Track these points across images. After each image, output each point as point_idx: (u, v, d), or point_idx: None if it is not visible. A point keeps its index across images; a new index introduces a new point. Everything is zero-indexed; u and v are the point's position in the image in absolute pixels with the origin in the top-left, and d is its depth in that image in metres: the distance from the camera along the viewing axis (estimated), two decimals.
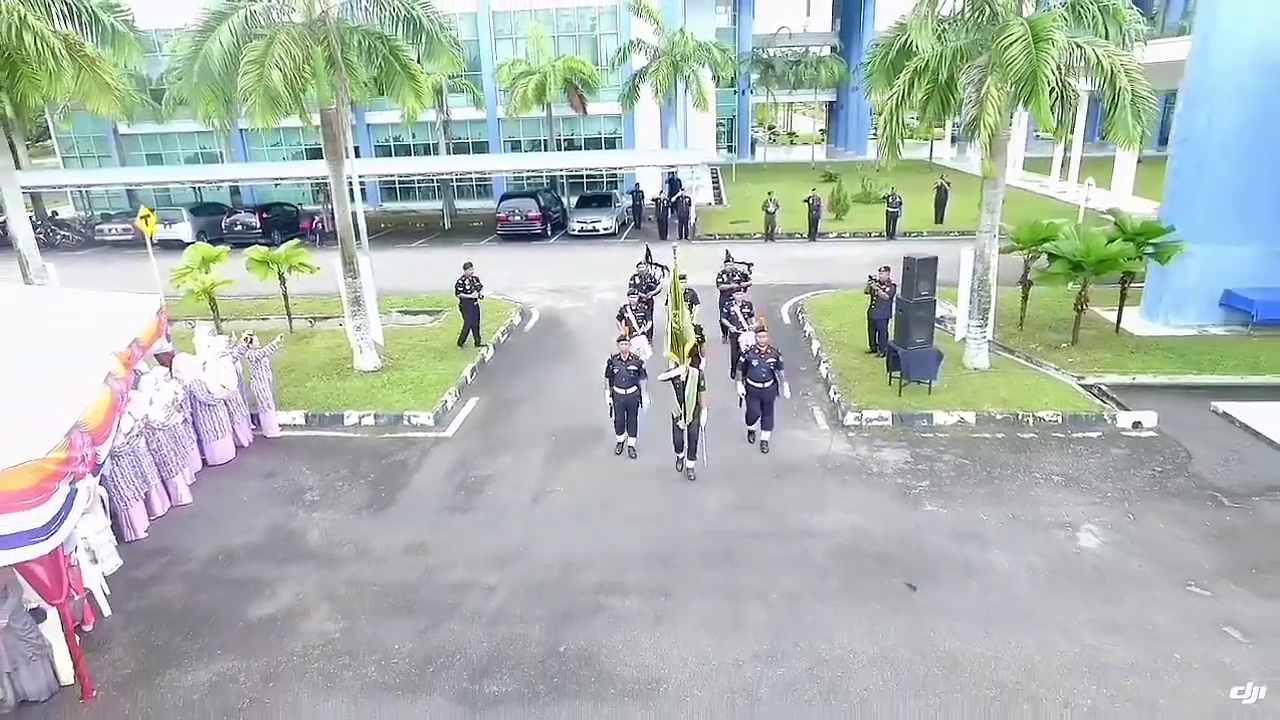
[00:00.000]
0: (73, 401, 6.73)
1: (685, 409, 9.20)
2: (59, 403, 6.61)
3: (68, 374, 7.22)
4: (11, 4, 11.09)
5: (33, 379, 6.86)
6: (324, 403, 12.07)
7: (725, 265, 14.08)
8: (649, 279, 14.09)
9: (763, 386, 9.89)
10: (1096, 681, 6.24)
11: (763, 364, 9.83)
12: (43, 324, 8.40)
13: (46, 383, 6.91)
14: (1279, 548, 7.92)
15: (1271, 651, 6.48)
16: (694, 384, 9.10)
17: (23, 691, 6.29)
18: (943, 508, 8.92)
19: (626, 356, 9.73)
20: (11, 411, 6.20)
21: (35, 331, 8.09)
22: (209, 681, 6.55)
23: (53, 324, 8.50)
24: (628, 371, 9.73)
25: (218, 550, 8.50)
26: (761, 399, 9.97)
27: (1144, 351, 13.49)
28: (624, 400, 9.85)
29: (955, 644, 6.73)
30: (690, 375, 9.08)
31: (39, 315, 8.68)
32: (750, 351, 10.04)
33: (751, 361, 9.91)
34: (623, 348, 9.82)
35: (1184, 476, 9.43)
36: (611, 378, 9.84)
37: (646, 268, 14.29)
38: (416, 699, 6.30)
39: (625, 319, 12.30)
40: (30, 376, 6.88)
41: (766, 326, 10.49)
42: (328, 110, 12.18)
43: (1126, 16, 11.10)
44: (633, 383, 9.76)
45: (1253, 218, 14.11)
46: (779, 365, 9.90)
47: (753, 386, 9.93)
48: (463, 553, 8.31)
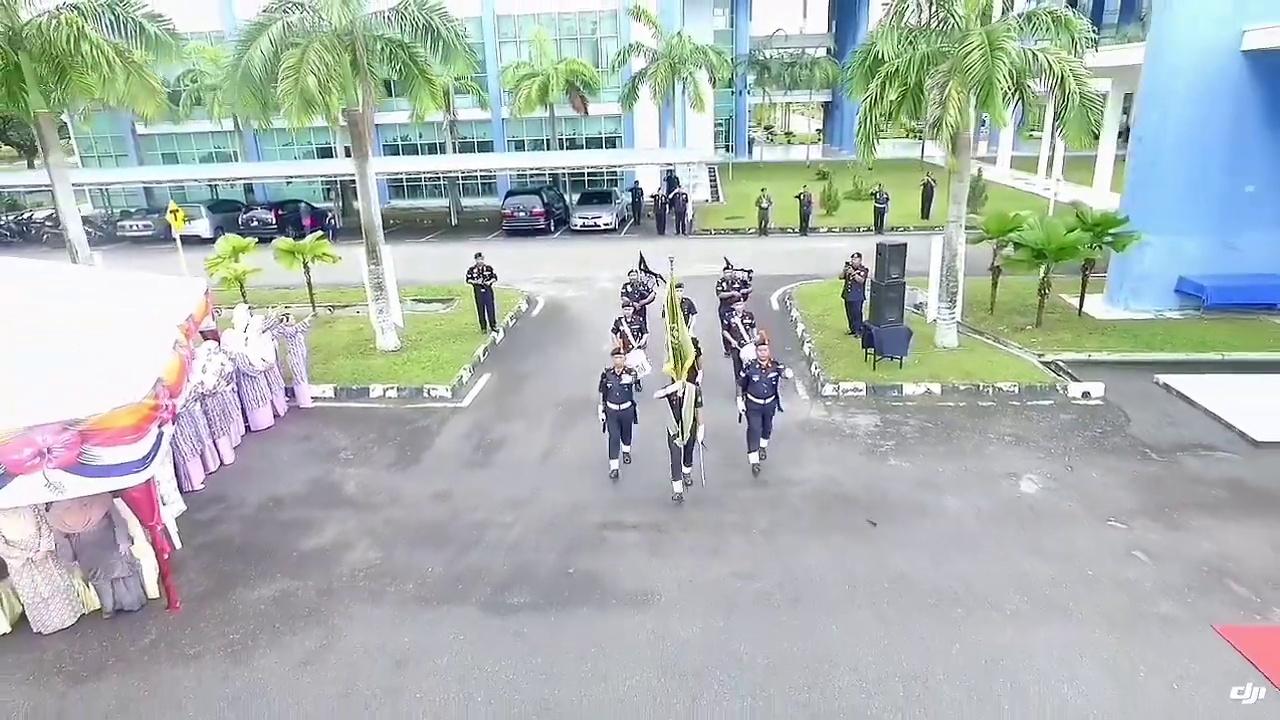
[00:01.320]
0: (152, 360, 7.93)
1: (683, 427, 8.85)
2: (141, 361, 7.80)
3: (143, 339, 8.42)
4: (71, 16, 12.27)
5: (116, 341, 8.05)
6: (351, 378, 13.26)
7: (724, 273, 13.80)
8: (642, 287, 13.60)
9: (764, 402, 9.63)
10: (1020, 592, 7.42)
11: (764, 379, 9.56)
12: (113, 298, 9.59)
13: (127, 345, 8.09)
14: (1191, 492, 9.11)
15: (1168, 570, 7.67)
16: (691, 400, 8.82)
17: (119, 602, 7.47)
18: (905, 462, 10.11)
19: (620, 370, 9.43)
20: (106, 366, 7.39)
21: (108, 304, 9.28)
22: (272, 596, 7.74)
23: (120, 299, 9.68)
24: (621, 386, 9.43)
25: (267, 498, 9.69)
26: (762, 414, 9.71)
27: (1102, 333, 14.68)
28: (618, 416, 9.53)
29: (906, 566, 7.91)
30: (687, 391, 8.79)
31: (108, 291, 9.87)
32: (751, 367, 9.71)
33: (753, 377, 9.60)
34: (616, 361, 9.52)
35: (1120, 436, 10.62)
36: (605, 393, 9.45)
37: (639, 275, 13.81)
38: (450, 608, 7.49)
39: (620, 332, 11.82)
40: (113, 340, 8.07)
41: (769, 340, 10.16)
42: (354, 111, 13.36)
43: (1077, 26, 12.26)
44: (627, 398, 9.48)
45: (1203, 210, 15.28)
46: (780, 377, 9.72)
47: (753, 402, 9.63)
48: (483, 499, 9.50)
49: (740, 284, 13.48)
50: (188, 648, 7.03)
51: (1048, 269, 14.57)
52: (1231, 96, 14.61)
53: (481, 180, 35.73)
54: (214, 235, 27.33)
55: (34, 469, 6.51)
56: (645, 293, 13.51)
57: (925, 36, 12.67)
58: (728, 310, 12.78)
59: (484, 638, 7.06)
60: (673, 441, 9.01)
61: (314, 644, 7.04)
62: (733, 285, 13.45)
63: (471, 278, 15.29)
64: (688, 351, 8.83)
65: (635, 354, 10.45)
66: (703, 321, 13.60)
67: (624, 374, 9.42)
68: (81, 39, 12.28)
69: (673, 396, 8.81)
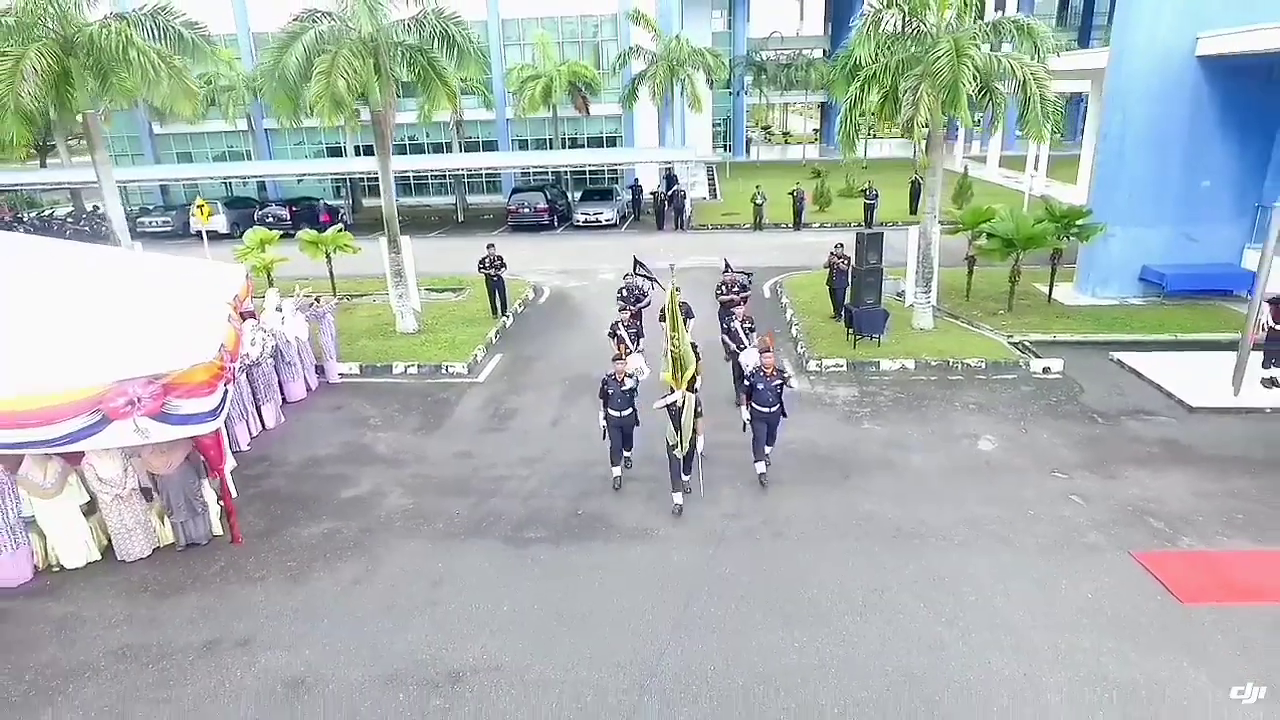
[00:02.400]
0: (214, 328, 9.10)
1: (681, 437, 8.70)
2: (206, 328, 8.97)
3: (203, 311, 9.58)
4: (121, 25, 13.44)
5: (184, 311, 9.22)
6: (374, 357, 14.42)
7: (724, 275, 13.54)
8: (638, 290, 13.45)
9: (768, 411, 9.36)
10: (969, 528, 8.59)
11: (769, 387, 9.30)
12: (173, 277, 10.76)
13: (193, 314, 9.26)
14: (1128, 449, 10.29)
15: (1098, 510, 8.84)
16: (690, 410, 8.65)
17: (190, 537, 8.63)
18: (878, 426, 11.28)
19: (621, 377, 9.29)
20: (180, 331, 8.56)
21: (170, 281, 10.46)
22: (320, 533, 8.91)
23: (179, 277, 10.85)
24: (622, 393, 9.29)
25: (307, 458, 10.86)
26: (767, 423, 9.47)
27: (1068, 317, 15.86)
28: (618, 423, 9.43)
29: (872, 509, 9.07)
30: (686, 401, 8.63)
31: (167, 271, 11.04)
32: (755, 374, 9.45)
33: (757, 385, 9.34)
34: (618, 368, 9.32)
35: (1073, 404, 11.79)
36: (605, 399, 9.32)
37: (635, 279, 13.53)
38: (476, 541, 8.66)
39: (618, 336, 11.62)
40: (182, 309, 9.25)
41: (772, 346, 9.97)
42: (378, 111, 14.52)
43: (1040, 33, 13.44)
44: (628, 404, 9.37)
45: (1163, 203, 16.45)
46: (785, 384, 9.47)
47: (758, 411, 9.38)
48: (500, 457, 10.66)
49: (740, 287, 13.21)
50: (253, 572, 8.20)
51: (1018, 257, 15.74)
52: (1187, 98, 15.78)
53: (486, 178, 36.91)
54: (230, 231, 28.63)
55: (126, 415, 7.67)
56: (641, 296, 13.37)
57: (901, 43, 13.83)
58: (727, 314, 12.38)
59: (506, 564, 8.23)
60: (671, 452, 8.87)
61: (361, 569, 8.21)
62: (732, 289, 13.20)
63: (484, 267, 16.44)
64: (688, 361, 8.66)
65: (634, 358, 10.31)
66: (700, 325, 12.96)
67: (625, 380, 9.28)
68: (130, 45, 13.47)
69: (671, 406, 8.67)
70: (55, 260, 9.62)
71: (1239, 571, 7.64)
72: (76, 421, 7.53)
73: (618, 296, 13.47)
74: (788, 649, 6.79)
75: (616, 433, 9.51)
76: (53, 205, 37.66)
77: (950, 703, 6.14)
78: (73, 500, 8.21)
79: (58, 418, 7.47)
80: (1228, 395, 11.48)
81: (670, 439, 8.84)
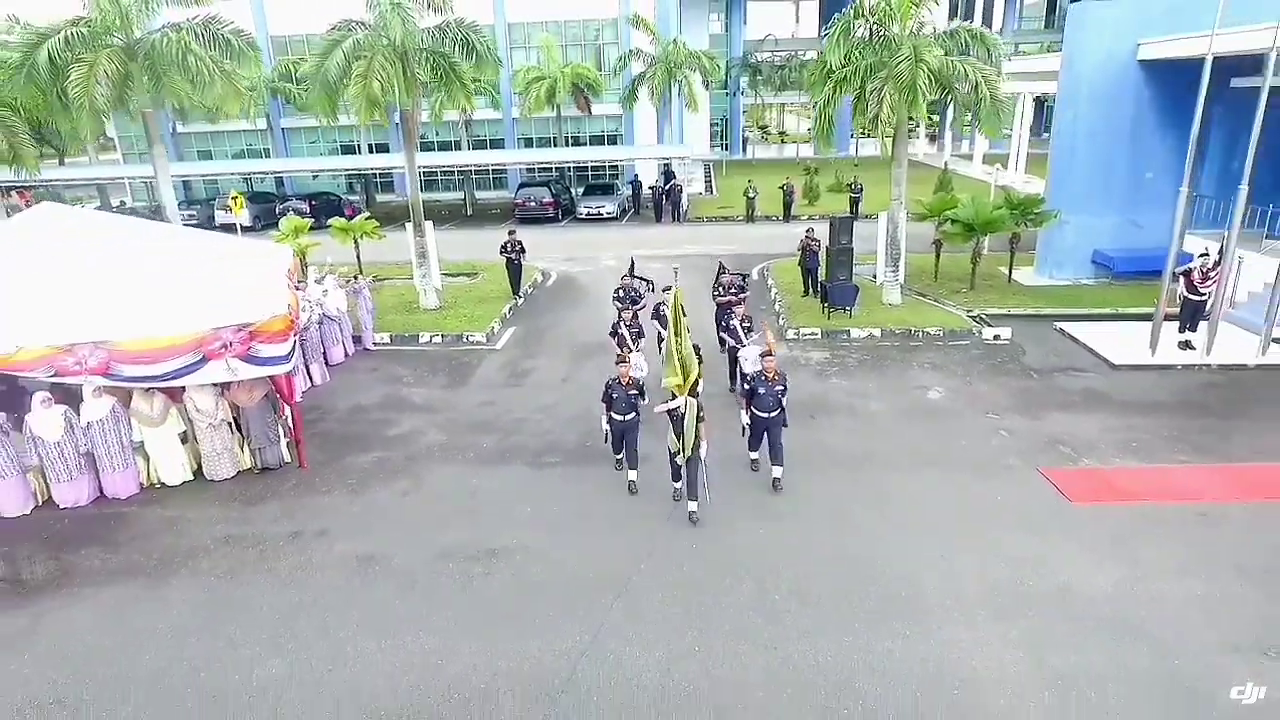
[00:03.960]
0: (282, 291, 10.88)
1: (684, 442, 8.56)
2: (275, 289, 10.75)
3: (270, 276, 11.36)
4: (180, 34, 15.22)
5: (257, 275, 11.00)
6: (402, 328, 16.22)
7: (721, 277, 13.58)
8: (634, 292, 13.48)
9: (769, 416, 9.26)
10: (910, 456, 10.36)
11: (770, 391, 9.19)
12: (240, 251, 12.55)
13: (265, 278, 11.04)
14: (1054, 397, 12.07)
15: (1020, 441, 10.62)
16: (693, 414, 8.46)
17: (265, 462, 10.41)
18: (844, 381, 13.07)
19: (626, 381, 9.22)
20: (257, 290, 10.35)
21: (237, 253, 12.25)
22: (372, 461, 10.69)
23: (244, 251, 12.64)
24: (627, 396, 9.22)
25: (353, 406, 12.65)
26: (768, 428, 9.36)
27: (1024, 295, 17.64)
28: (621, 427, 9.40)
29: (832, 442, 10.85)
30: (689, 405, 8.45)
31: (233, 246, 12.83)
32: (757, 378, 9.37)
33: (758, 389, 9.23)
34: (621, 371, 9.31)
35: (1014, 363, 13.58)
36: (609, 403, 9.30)
37: (631, 280, 13.70)
38: (502, 465, 10.45)
39: (619, 335, 11.87)
40: (255, 274, 11.03)
41: (774, 349, 9.82)
42: (405, 110, 16.31)
43: (991, 40, 15.22)
44: (631, 408, 9.29)
45: (1111, 193, 18.22)
46: (785, 391, 9.34)
47: (759, 417, 9.30)
48: (519, 405, 12.45)
49: (738, 289, 13.24)
50: (320, 488, 9.99)
51: (977, 240, 17.52)
52: (1131, 98, 17.55)
53: (493, 175, 38.71)
54: (253, 224, 30.37)
55: (220, 356, 9.46)
56: (637, 298, 13.40)
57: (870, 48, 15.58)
58: (726, 314, 12.40)
59: (529, 481, 10.03)
60: (674, 458, 8.87)
61: (408, 485, 10.00)
62: (730, 290, 13.22)
63: (505, 250, 18.17)
64: (690, 364, 8.53)
65: (635, 357, 10.42)
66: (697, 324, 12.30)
67: (628, 384, 9.24)
68: (188, 52, 15.27)
69: (673, 412, 8.56)
70: (155, 234, 11.44)
71: (1120, 481, 9.44)
72: (183, 359, 9.32)
73: (614, 298, 13.62)
74: (756, 540, 8.55)
75: (619, 436, 9.51)
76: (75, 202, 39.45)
77: (883, 573, 7.89)
78: (173, 429, 10.00)
79: (168, 357, 9.26)
80: (1146, 355, 13.26)
81: (672, 446, 8.74)
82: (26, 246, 10.18)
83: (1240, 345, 13.52)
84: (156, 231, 12.09)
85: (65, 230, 10.71)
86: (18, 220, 11.04)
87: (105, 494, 9.81)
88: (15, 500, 9.44)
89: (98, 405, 9.51)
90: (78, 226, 11.09)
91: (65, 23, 15.28)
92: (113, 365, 9.15)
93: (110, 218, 12.92)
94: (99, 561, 8.51)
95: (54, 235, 10.45)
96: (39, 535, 9.07)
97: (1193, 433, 10.68)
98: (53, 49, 14.70)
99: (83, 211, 11.77)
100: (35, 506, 9.62)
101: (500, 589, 7.83)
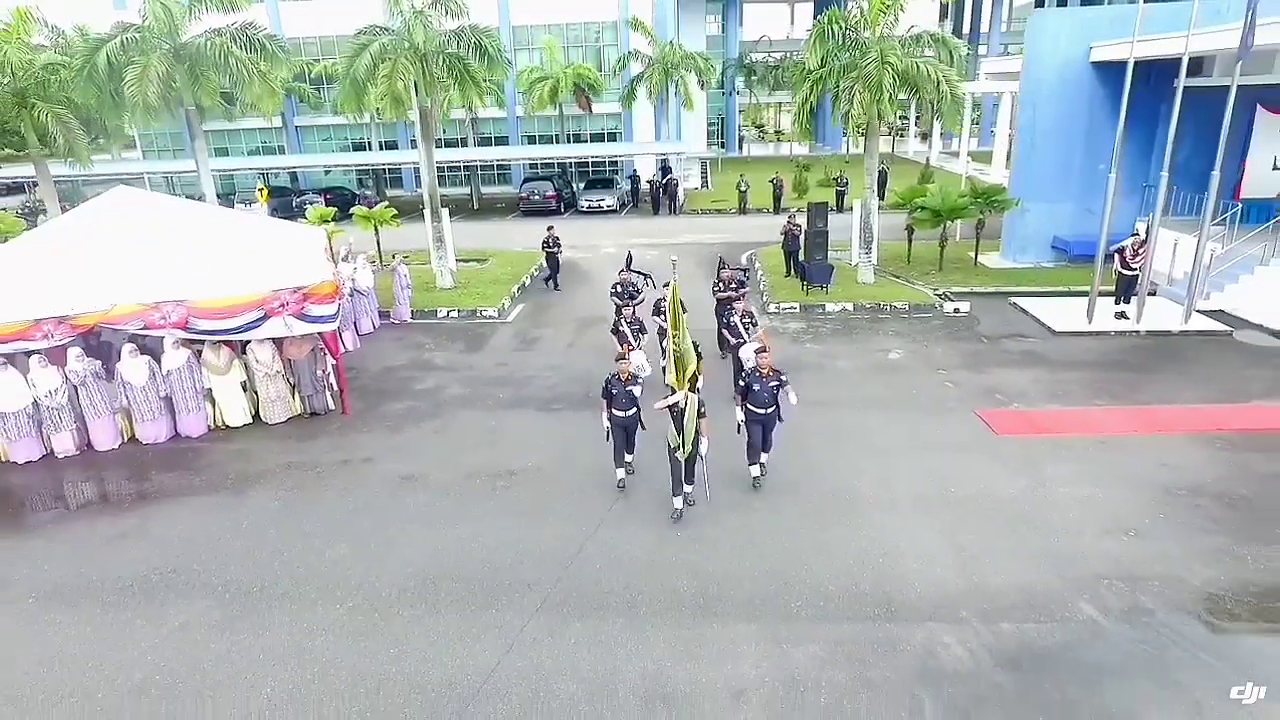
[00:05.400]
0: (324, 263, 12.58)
1: (684, 439, 8.50)
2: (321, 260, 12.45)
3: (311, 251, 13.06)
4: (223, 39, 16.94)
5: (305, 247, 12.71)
6: (422, 305, 17.92)
7: (721, 272, 13.52)
8: (632, 287, 13.53)
9: (765, 412, 9.20)
10: (867, 400, 12.08)
11: (765, 388, 9.15)
12: (278, 230, 14.25)
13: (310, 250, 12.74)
14: (998, 357, 13.80)
15: (963, 390, 12.33)
16: (693, 410, 8.43)
17: (313, 408, 12.12)
18: (817, 345, 14.79)
19: (626, 377, 9.14)
20: (307, 259, 12.06)
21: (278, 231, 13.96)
22: (405, 408, 12.42)
23: (282, 231, 14.34)
24: (627, 392, 9.17)
25: (384, 367, 14.37)
26: (763, 424, 9.30)
27: (987, 275, 19.36)
28: (622, 423, 9.34)
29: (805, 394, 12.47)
30: (690, 401, 8.42)
31: (277, 225, 14.54)
32: (752, 374, 9.32)
33: (753, 385, 9.19)
34: (621, 367, 9.20)
35: (968, 331, 15.30)
36: (610, 399, 9.24)
37: (628, 275, 13.75)
38: (516, 410, 12.17)
39: (619, 332, 11.86)
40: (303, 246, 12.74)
41: (769, 346, 9.85)
42: (425, 107, 18.03)
43: (952, 43, 16.93)
44: (633, 404, 9.24)
45: (1068, 184, 19.91)
46: (782, 386, 9.25)
47: (754, 412, 9.22)
48: (529, 365, 14.18)
49: (738, 284, 13.22)
50: (362, 428, 11.71)
51: (944, 225, 19.24)
52: (1085, 97, 19.25)
53: (498, 170, 40.45)
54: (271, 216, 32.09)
55: (279, 314, 11.17)
56: (635, 293, 13.45)
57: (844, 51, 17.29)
58: (727, 309, 12.23)
59: (538, 421, 11.75)
60: (674, 454, 8.69)
61: (438, 425, 11.72)
62: (729, 285, 13.25)
63: (545, 246, 19.67)
64: (689, 359, 8.52)
65: (636, 355, 10.51)
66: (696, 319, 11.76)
67: (628, 379, 9.17)
68: (229, 55, 16.99)
69: (673, 408, 8.51)
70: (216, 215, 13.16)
71: (1040, 419, 11.16)
72: (248, 316, 11.04)
73: (612, 293, 13.74)
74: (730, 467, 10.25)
75: (620, 433, 9.41)
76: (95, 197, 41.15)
77: (832, 483, 9.60)
78: (236, 378, 11.71)
79: (237, 313, 10.97)
80: (1084, 323, 14.98)
81: (672, 441, 8.63)
82: (111, 222, 11.87)
83: (1169, 315, 15.24)
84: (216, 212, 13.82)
85: (142, 209, 12.40)
86: (97, 202, 12.72)
87: (179, 433, 11.53)
88: (108, 436, 11.17)
89: (176, 356, 11.23)
90: (152, 207, 12.78)
91: (119, 29, 17.01)
92: (190, 320, 10.86)
93: (175, 200, 14.61)
94: (185, 481, 10.23)
95: (132, 213, 12.13)
96: (130, 464, 10.80)
97: (1111, 384, 12.40)
98: (110, 52, 16.42)
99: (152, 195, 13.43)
100: (122, 442, 11.34)
101: (520, 496, 9.56)
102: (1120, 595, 7.30)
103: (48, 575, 8.27)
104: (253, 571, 8.16)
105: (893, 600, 7.36)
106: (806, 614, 7.23)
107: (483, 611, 7.41)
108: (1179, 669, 6.41)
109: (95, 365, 11.07)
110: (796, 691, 6.30)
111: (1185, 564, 7.74)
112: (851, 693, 6.26)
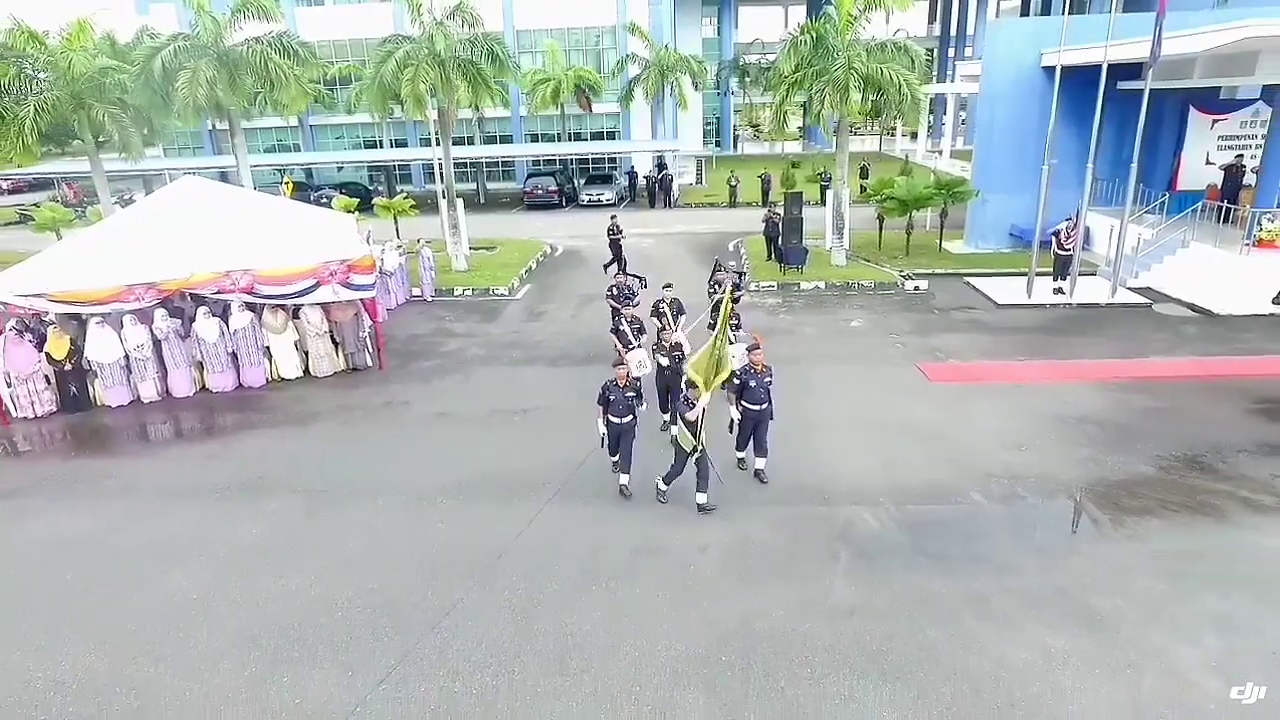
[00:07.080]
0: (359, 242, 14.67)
1: (699, 440, 8.66)
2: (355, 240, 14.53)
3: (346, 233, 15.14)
4: (262, 47, 19.00)
5: (345, 227, 14.80)
6: (440, 285, 20.01)
7: (716, 274, 13.77)
8: (627, 290, 13.95)
9: (759, 409, 9.35)
10: (826, 358, 14.16)
11: (760, 384, 9.28)
12: (318, 216, 16.34)
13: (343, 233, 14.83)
14: (946, 325, 15.89)
15: (910, 350, 14.41)
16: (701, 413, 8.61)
17: (355, 364, 14.21)
18: (790, 316, 16.89)
19: (624, 383, 9.05)
20: (349, 237, 14.14)
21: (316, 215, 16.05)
22: (433, 366, 14.51)
23: (320, 216, 16.42)
24: (625, 398, 9.05)
25: (410, 334, 16.46)
26: (756, 421, 9.44)
27: (949, 259, 21.45)
28: (617, 430, 9.18)
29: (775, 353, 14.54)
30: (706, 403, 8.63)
31: (311, 211, 16.62)
32: (746, 371, 9.35)
33: (749, 383, 9.26)
34: (619, 372, 9.14)
35: (924, 304, 17.40)
36: (606, 405, 9.09)
37: (625, 279, 14.27)
38: (527, 366, 14.26)
39: (620, 331, 11.89)
40: (344, 227, 14.83)
41: (762, 344, 9.88)
42: (442, 108, 20.12)
43: (915, 51, 19.01)
44: (629, 410, 9.11)
45: (1023, 178, 21.87)
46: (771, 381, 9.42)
47: (749, 409, 9.35)
48: (537, 333, 16.27)
49: (733, 285, 13.32)
50: (398, 380, 13.80)
51: (911, 214, 21.33)
52: (1037, 98, 21.28)
53: (502, 167, 42.54)
54: None
55: (328, 282, 13.26)
56: (630, 295, 13.80)
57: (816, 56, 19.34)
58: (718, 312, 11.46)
59: (547, 373, 13.85)
60: (691, 457, 8.76)
61: (462, 378, 13.82)
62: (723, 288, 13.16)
63: (610, 233, 21.37)
64: (726, 366, 8.72)
65: (636, 353, 10.49)
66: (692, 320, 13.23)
67: (626, 385, 9.07)
68: (269, 60, 19.07)
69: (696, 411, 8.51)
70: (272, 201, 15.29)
71: (971, 370, 13.26)
72: (303, 283, 13.12)
73: (607, 296, 14.15)
74: None
75: (615, 440, 9.34)
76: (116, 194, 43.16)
77: (788, 416, 11.67)
78: (290, 337, 13.79)
79: (294, 280, 13.05)
80: (1024, 297, 17.07)
81: (686, 446, 8.68)
82: (183, 206, 13.93)
83: (1101, 290, 17.34)
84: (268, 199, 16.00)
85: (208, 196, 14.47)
86: (166, 191, 14.78)
87: (242, 384, 13.60)
88: (185, 384, 13.26)
89: (241, 317, 13.31)
90: (216, 193, 14.85)
91: (171, 37, 19.08)
92: (256, 286, 12.95)
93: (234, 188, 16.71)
94: (255, 418, 12.33)
95: (200, 199, 14.20)
96: (205, 407, 12.90)
97: (1037, 344, 14.49)
98: (165, 58, 18.49)
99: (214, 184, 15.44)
100: (196, 390, 13.43)
101: (534, 427, 11.66)
102: (1003, 486, 9.41)
103: (159, 480, 10.38)
104: (324, 478, 10.25)
105: (826, 490, 9.46)
106: (758, 500, 9.33)
107: (507, 502, 9.49)
108: (1031, 528, 8.52)
109: (175, 324, 13.15)
110: (747, 545, 8.40)
111: (1060, 467, 9.84)
112: (787, 546, 8.36)
